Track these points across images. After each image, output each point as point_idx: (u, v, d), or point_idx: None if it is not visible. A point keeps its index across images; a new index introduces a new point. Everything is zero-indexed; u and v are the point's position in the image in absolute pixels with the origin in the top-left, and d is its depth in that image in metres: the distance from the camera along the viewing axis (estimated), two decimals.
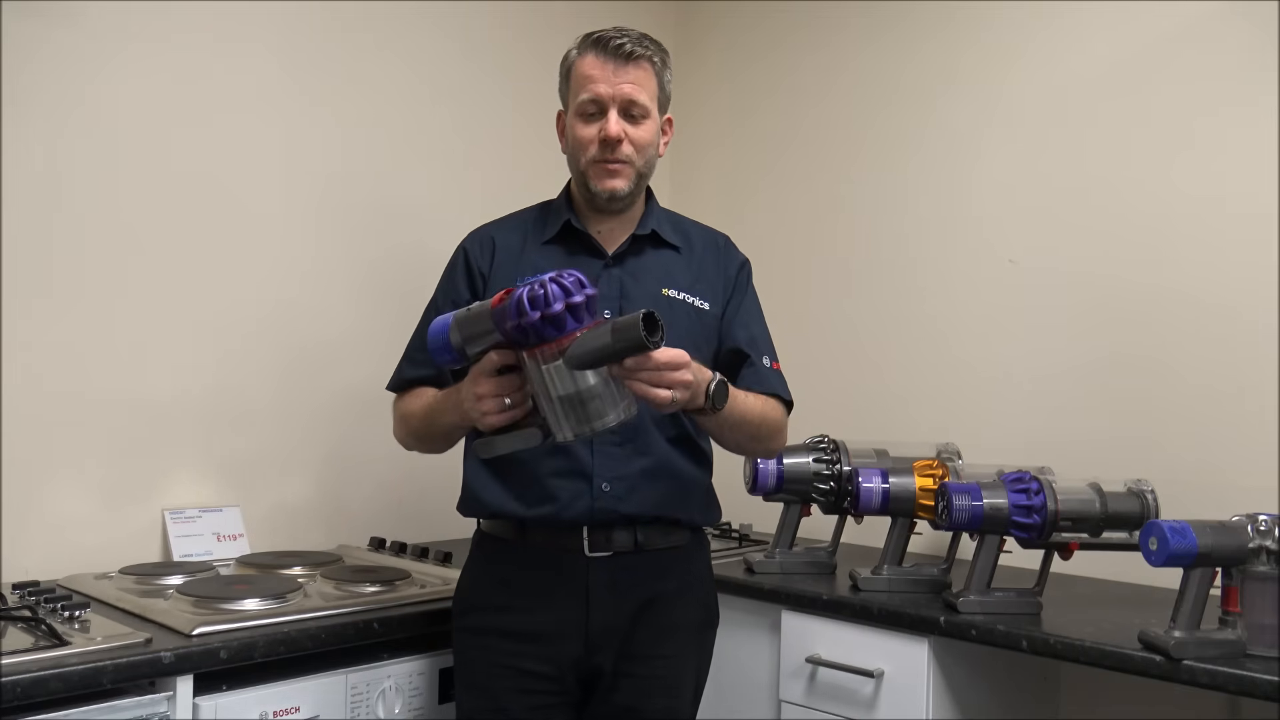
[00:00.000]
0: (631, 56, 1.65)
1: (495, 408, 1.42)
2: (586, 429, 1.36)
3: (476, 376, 1.44)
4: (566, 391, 1.34)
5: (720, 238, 1.82)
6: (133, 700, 1.46)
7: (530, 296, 1.32)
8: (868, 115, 2.65)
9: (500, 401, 1.42)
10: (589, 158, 1.66)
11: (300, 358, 2.31)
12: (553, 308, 1.31)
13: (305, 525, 2.32)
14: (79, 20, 2.00)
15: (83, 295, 2.01)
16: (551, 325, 1.32)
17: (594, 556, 1.63)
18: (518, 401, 1.42)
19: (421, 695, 1.80)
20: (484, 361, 1.42)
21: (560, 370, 1.34)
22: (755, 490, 2.17)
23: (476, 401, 1.44)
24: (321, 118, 2.35)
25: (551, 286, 1.32)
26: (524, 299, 1.32)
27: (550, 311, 1.31)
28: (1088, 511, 1.81)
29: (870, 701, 1.89)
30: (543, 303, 1.32)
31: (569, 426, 1.36)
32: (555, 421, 1.37)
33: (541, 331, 1.33)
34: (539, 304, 1.32)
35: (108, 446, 2.04)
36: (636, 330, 1.29)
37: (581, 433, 1.37)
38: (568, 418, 1.36)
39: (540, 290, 1.32)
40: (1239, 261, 2.06)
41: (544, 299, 1.32)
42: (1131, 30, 2.22)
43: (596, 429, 1.37)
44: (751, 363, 1.72)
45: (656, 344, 1.31)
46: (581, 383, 1.34)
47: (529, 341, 1.35)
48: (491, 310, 1.38)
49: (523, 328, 1.33)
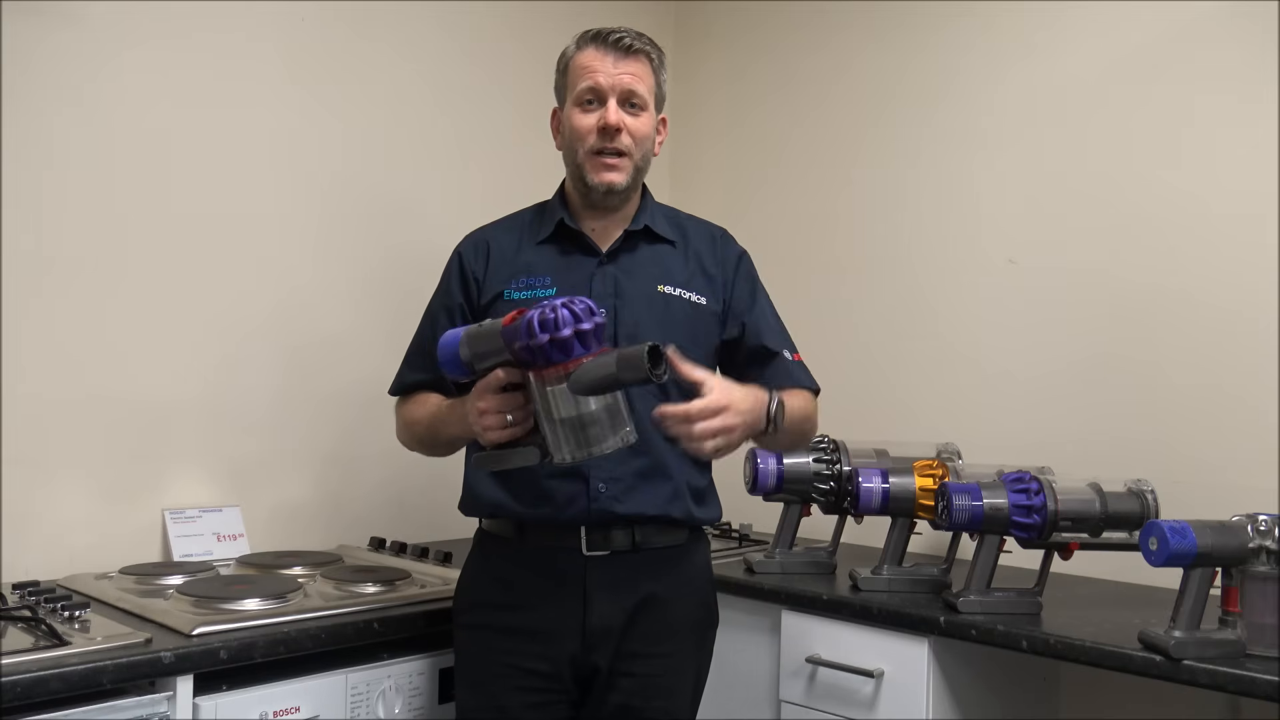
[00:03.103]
0: (630, 50, 1.66)
1: (497, 424, 1.45)
2: (584, 453, 1.40)
3: (481, 392, 1.46)
4: (568, 414, 1.38)
5: (717, 230, 1.82)
6: (133, 700, 1.46)
7: (541, 319, 1.37)
8: (868, 115, 2.65)
9: (502, 418, 1.45)
10: (587, 148, 1.66)
11: (300, 357, 2.31)
12: (561, 332, 1.36)
13: (305, 525, 2.32)
14: (79, 20, 1.99)
15: (83, 295, 2.01)
16: (559, 349, 1.36)
17: (591, 555, 1.63)
18: (519, 420, 1.45)
19: (421, 695, 1.80)
20: (489, 378, 1.45)
21: (564, 393, 1.38)
22: (755, 490, 2.17)
23: (479, 416, 1.46)
24: (322, 118, 2.35)
25: (562, 311, 1.37)
26: (534, 321, 1.37)
27: (559, 335, 1.36)
28: (1088, 511, 1.81)
29: (870, 701, 1.89)
30: (553, 326, 1.36)
31: (568, 449, 1.40)
32: (555, 443, 1.41)
33: (549, 354, 1.37)
34: (549, 327, 1.36)
35: (107, 447, 2.04)
36: (640, 362, 1.34)
37: (579, 456, 1.41)
38: (567, 440, 1.40)
39: (551, 314, 1.37)
40: (1239, 261, 2.06)
41: (554, 323, 1.36)
42: (1131, 30, 2.22)
43: (594, 454, 1.40)
44: (780, 360, 1.75)
45: (660, 376, 1.35)
46: (583, 407, 1.38)
47: (536, 363, 1.39)
48: (502, 329, 1.42)
49: (531, 349, 1.37)
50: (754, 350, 1.75)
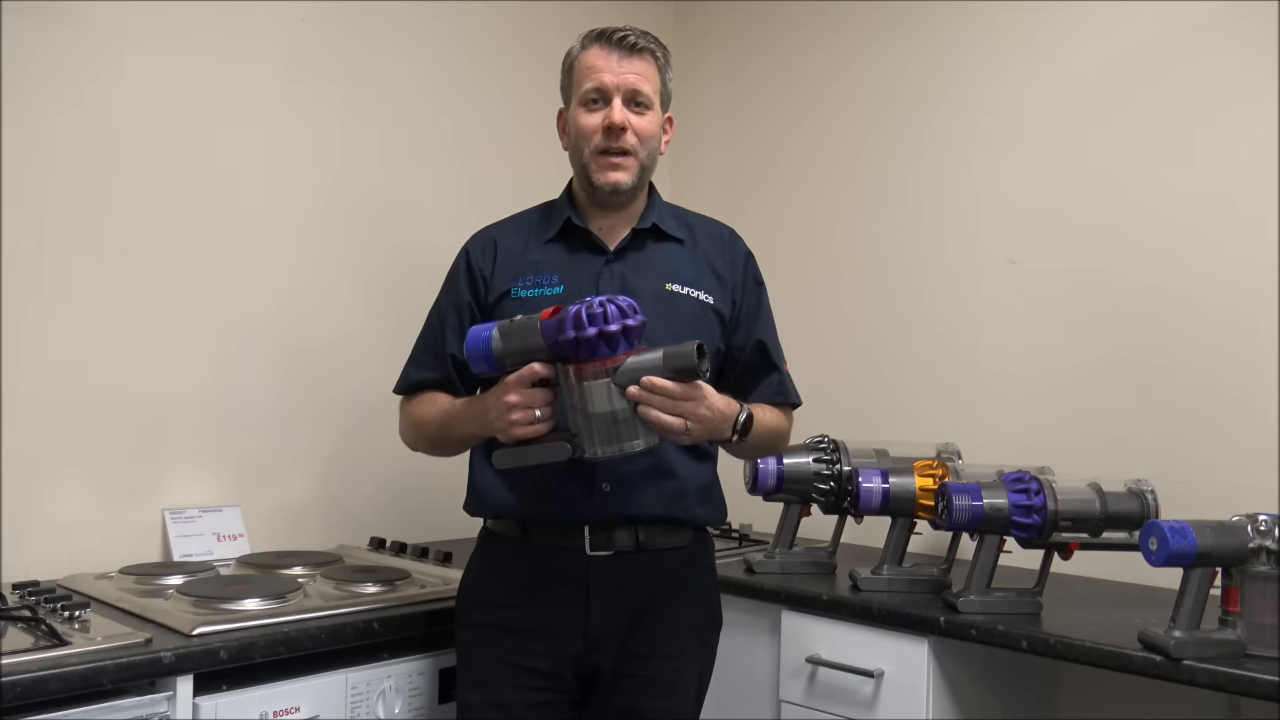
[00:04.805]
0: (635, 49, 1.66)
1: (525, 419, 1.47)
2: (616, 448, 1.43)
3: (511, 386, 1.47)
4: (604, 410, 1.42)
5: (725, 230, 1.82)
6: (133, 700, 1.46)
7: (589, 314, 1.40)
8: (868, 115, 2.65)
9: (530, 414, 1.47)
10: (592, 148, 1.66)
11: (301, 358, 2.31)
12: (610, 327, 1.39)
13: (305, 525, 2.32)
14: (79, 20, 1.99)
15: (83, 295, 2.01)
16: (606, 344, 1.40)
17: (594, 555, 1.63)
18: (546, 416, 1.48)
19: (421, 695, 1.80)
20: (523, 371, 1.46)
21: (600, 389, 1.41)
22: (755, 490, 2.17)
23: (506, 411, 1.47)
24: (322, 118, 2.35)
25: (610, 307, 1.40)
26: (583, 314, 1.40)
27: (608, 329, 1.39)
28: (1088, 511, 1.81)
29: (870, 701, 1.89)
30: (601, 320, 1.39)
31: (600, 444, 1.43)
32: (589, 438, 1.44)
33: (595, 348, 1.40)
34: (597, 321, 1.39)
35: (108, 446, 2.04)
36: (691, 357, 1.38)
37: (611, 452, 1.44)
38: (600, 435, 1.43)
39: (600, 309, 1.40)
40: (1239, 261, 2.06)
41: (603, 317, 1.39)
42: (1131, 30, 2.22)
43: (626, 450, 1.44)
44: (775, 373, 1.76)
45: (706, 372, 1.39)
46: (618, 403, 1.41)
47: (578, 356, 1.41)
48: (541, 323, 1.44)
49: (577, 342, 1.40)
50: (753, 362, 1.76)
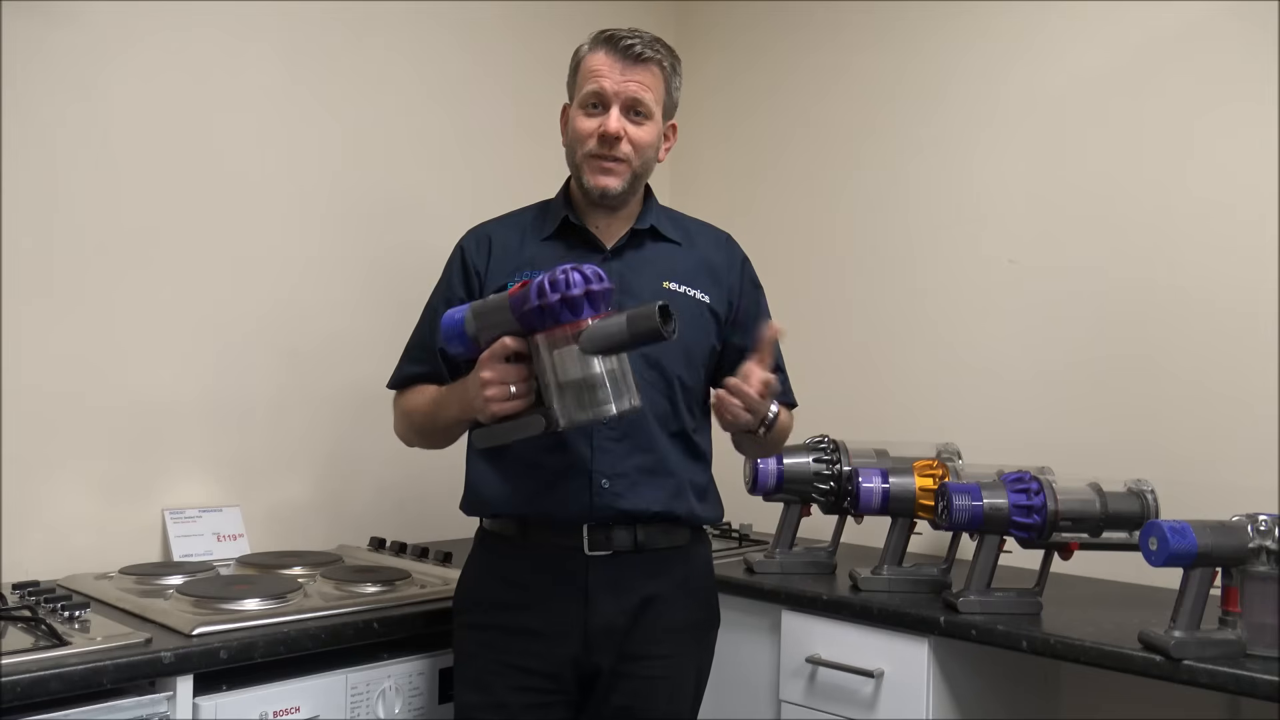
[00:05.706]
0: (641, 58, 1.65)
1: (501, 395, 1.46)
2: (588, 415, 1.41)
3: (486, 361, 1.47)
4: (575, 377, 1.41)
5: (721, 234, 1.83)
6: (133, 700, 1.46)
7: (551, 280, 1.40)
8: (868, 115, 2.65)
9: (506, 389, 1.46)
10: (585, 151, 1.67)
11: (300, 357, 2.31)
12: (572, 291, 1.39)
13: (305, 525, 2.32)
14: (79, 20, 1.99)
15: (83, 295, 2.01)
16: (569, 308, 1.40)
17: (593, 555, 1.63)
18: (522, 392, 1.46)
19: (421, 695, 1.80)
20: (495, 346, 1.46)
21: (570, 355, 1.40)
22: (755, 490, 2.17)
23: (482, 388, 1.47)
24: (322, 117, 2.35)
25: (573, 274, 1.40)
26: (545, 282, 1.40)
27: (570, 294, 1.39)
28: (1088, 511, 1.81)
29: (870, 701, 1.89)
30: (563, 286, 1.39)
31: (572, 411, 1.42)
32: (560, 408, 1.42)
33: (559, 314, 1.40)
34: (559, 287, 1.39)
35: (108, 446, 2.04)
36: (652, 319, 1.36)
37: (582, 419, 1.42)
38: (573, 404, 1.41)
39: (562, 276, 1.40)
40: (1238, 261, 2.06)
41: (565, 283, 1.39)
42: (1131, 30, 2.22)
43: (599, 416, 1.42)
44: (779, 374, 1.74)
45: (671, 333, 1.37)
46: (589, 369, 1.40)
47: (544, 324, 1.41)
48: (509, 297, 1.45)
49: (542, 309, 1.40)
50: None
